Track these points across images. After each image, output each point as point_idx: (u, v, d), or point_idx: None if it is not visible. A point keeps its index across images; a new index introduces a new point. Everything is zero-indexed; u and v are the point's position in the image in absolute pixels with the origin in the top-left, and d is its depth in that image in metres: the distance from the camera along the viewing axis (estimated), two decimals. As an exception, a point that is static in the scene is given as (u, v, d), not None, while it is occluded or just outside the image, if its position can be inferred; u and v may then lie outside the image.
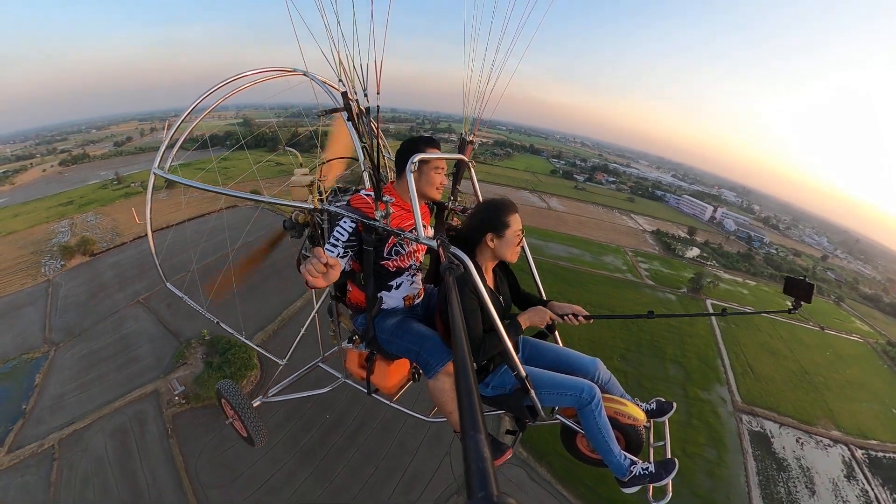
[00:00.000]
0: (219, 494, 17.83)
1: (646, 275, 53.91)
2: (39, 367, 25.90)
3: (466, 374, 0.70)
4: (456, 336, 0.89)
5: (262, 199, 2.66)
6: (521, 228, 2.32)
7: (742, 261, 71.24)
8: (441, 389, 2.26)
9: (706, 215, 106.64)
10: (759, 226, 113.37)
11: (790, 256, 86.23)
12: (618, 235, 71.66)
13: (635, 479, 2.34)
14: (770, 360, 38.36)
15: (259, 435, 3.46)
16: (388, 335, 2.47)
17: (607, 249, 61.95)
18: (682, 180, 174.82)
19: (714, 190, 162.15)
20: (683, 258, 66.43)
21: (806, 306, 2.09)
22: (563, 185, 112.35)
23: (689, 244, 76.71)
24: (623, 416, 2.48)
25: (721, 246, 78.38)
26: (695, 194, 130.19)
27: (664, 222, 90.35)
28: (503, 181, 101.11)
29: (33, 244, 47.30)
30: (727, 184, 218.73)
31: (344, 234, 2.26)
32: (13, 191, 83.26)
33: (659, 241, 73.80)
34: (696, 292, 48.86)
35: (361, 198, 2.32)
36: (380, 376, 2.80)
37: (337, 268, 1.82)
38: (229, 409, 3.53)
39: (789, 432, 29.90)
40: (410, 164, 2.15)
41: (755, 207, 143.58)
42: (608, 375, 2.62)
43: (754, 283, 61.54)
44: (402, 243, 2.42)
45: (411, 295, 2.61)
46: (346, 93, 2.05)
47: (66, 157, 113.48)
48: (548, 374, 2.41)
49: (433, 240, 2.07)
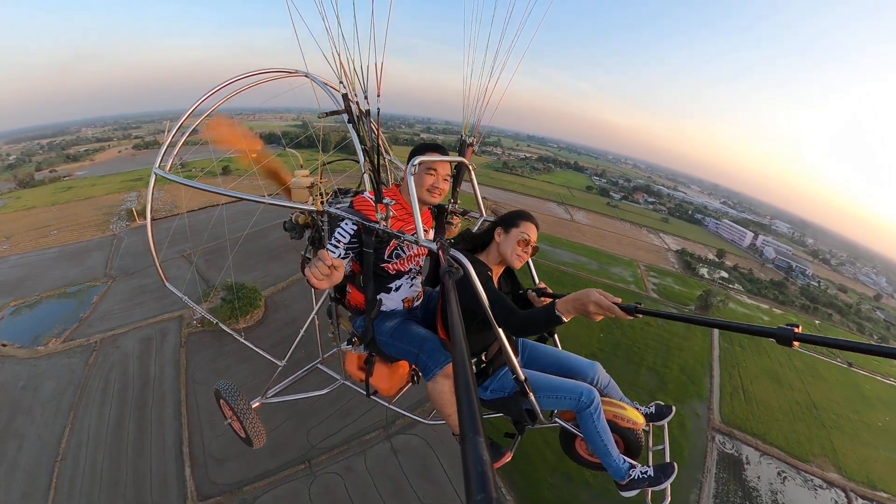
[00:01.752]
0: (205, 390, 24.16)
1: (652, 288, 52.61)
2: (97, 292, 35.68)
3: (466, 376, 0.69)
4: (455, 339, 0.87)
5: (263, 200, 2.63)
6: (531, 237, 2.32)
7: (772, 288, 67.19)
8: (439, 392, 2.26)
9: (745, 241, 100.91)
10: (807, 258, 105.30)
11: (833, 291, 79.80)
12: (636, 251, 69.78)
13: (634, 482, 2.33)
14: (771, 387, 36.00)
15: (258, 436, 3.41)
16: (387, 337, 2.47)
17: (618, 261, 60.66)
18: (732, 207, 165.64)
19: (766, 220, 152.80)
20: (702, 278, 63.18)
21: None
22: (596, 201, 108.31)
23: (715, 266, 73.19)
24: (622, 420, 2.47)
25: (752, 272, 74.24)
26: (741, 221, 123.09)
27: (694, 244, 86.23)
28: (534, 192, 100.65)
29: (106, 207, 58.58)
30: (784, 215, 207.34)
31: (345, 236, 2.26)
32: (93, 165, 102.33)
33: (680, 260, 70.16)
34: (704, 310, 47.37)
35: (363, 200, 2.32)
36: (379, 378, 2.80)
37: (341, 270, 1.82)
38: (228, 409, 3.48)
39: (771, 463, 27.01)
40: (410, 166, 2.17)
41: (808, 240, 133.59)
42: (607, 379, 2.63)
43: (780, 312, 57.98)
44: (403, 246, 2.43)
45: (411, 297, 2.61)
46: (347, 94, 2.07)
47: (139, 143, 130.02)
48: (547, 377, 2.41)
49: (433, 242, 2.04)
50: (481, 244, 2.44)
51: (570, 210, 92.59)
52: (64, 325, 30.72)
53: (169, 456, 20.53)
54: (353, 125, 2.19)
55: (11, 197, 70.45)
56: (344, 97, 2.08)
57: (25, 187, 77.55)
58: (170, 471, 19.83)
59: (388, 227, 2.12)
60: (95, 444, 20.96)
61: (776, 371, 38.94)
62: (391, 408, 3.26)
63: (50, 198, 67.17)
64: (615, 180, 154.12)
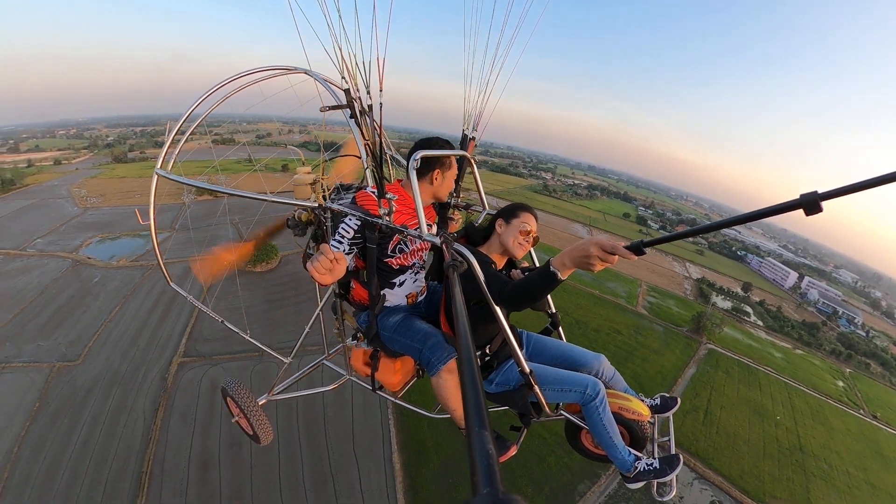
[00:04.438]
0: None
1: (645, 305, 51.26)
2: (161, 237, 44.76)
3: (471, 370, 0.69)
4: (460, 332, 0.86)
5: (265, 197, 2.57)
6: (531, 227, 2.35)
7: (800, 328, 62.83)
8: (443, 387, 2.27)
9: (788, 282, 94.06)
10: (863, 308, 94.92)
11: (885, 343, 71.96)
12: (647, 273, 67.36)
13: (640, 474, 2.35)
14: (747, 419, 32.55)
15: (265, 433, 3.49)
16: (391, 333, 2.49)
17: (619, 278, 59.21)
18: (792, 252, 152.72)
19: (828, 267, 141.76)
20: (713, 305, 59.55)
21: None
22: (628, 228, 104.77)
23: (736, 298, 69.20)
24: (627, 412, 2.49)
25: (780, 309, 69.57)
26: (794, 265, 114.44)
27: (723, 276, 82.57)
28: (564, 214, 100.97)
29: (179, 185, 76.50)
30: (854, 266, 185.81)
31: (349, 231, 2.26)
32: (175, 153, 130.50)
33: (696, 287, 67.07)
34: (696, 333, 46.64)
35: (367, 195, 2.31)
36: (384, 373, 2.81)
37: (343, 263, 1.83)
38: (235, 407, 3.53)
39: (707, 489, 23.94)
40: (413, 160, 2.14)
41: (875, 293, 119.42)
42: (612, 371, 2.65)
43: (801, 352, 53.37)
44: (407, 241, 2.44)
45: (414, 293, 2.63)
46: (349, 90, 2.08)
47: (217, 139, 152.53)
48: (552, 370, 2.42)
49: (436, 237, 2.02)
50: (483, 237, 2.48)
51: (594, 231, 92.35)
52: (133, 252, 45.06)
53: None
54: (356, 121, 2.24)
55: (108, 167, 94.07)
56: (346, 93, 2.12)
57: (119, 162, 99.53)
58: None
59: (392, 222, 2.12)
60: (134, 317, 32.83)
61: (763, 405, 35.79)
62: (397, 402, 3.23)
63: (138, 171, 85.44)
64: (662, 212, 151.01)
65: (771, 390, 38.72)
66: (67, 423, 22.73)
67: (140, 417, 23.26)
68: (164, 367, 27.04)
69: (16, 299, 34.72)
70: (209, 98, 3.42)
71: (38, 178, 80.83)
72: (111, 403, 24.30)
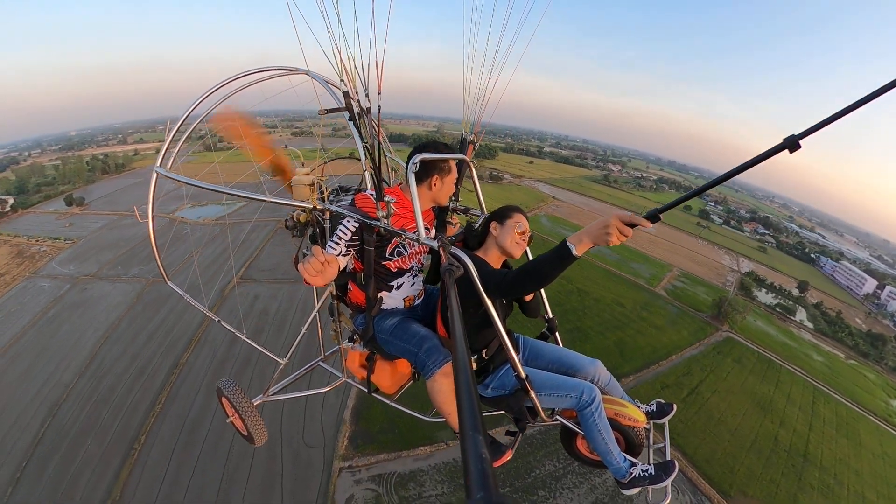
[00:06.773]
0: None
1: (667, 287, 49.98)
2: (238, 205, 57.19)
3: (466, 374, 0.69)
4: (455, 337, 0.87)
5: (264, 198, 2.57)
6: (524, 224, 2.37)
7: (860, 338, 56.89)
8: (438, 390, 2.26)
9: (863, 289, 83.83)
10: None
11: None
12: (687, 261, 65.06)
13: (635, 480, 2.34)
14: (745, 410, 30.06)
15: (259, 434, 3.44)
16: (387, 335, 2.48)
17: (649, 261, 57.93)
18: (884, 262, 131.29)
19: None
20: (753, 300, 56.02)
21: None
22: (683, 219, 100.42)
23: (788, 297, 63.89)
24: (623, 418, 2.48)
25: (840, 314, 63.10)
26: (881, 275, 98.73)
27: (780, 275, 76.25)
28: (610, 200, 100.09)
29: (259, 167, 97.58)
30: None
31: (346, 233, 2.26)
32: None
33: (738, 281, 62.97)
34: (716, 319, 45.33)
35: (366, 197, 2.30)
36: (380, 376, 2.80)
37: (334, 265, 1.82)
38: (229, 407, 3.49)
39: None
40: (412, 164, 2.13)
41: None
42: (608, 377, 2.63)
43: (853, 363, 48.37)
44: (405, 244, 2.43)
45: (412, 296, 2.62)
46: (348, 92, 2.07)
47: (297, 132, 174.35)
48: (548, 375, 2.42)
49: (434, 240, 2.03)
50: (478, 241, 2.48)
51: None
52: (215, 215, 57.32)
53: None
54: (354, 123, 2.24)
55: (199, 155, 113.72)
56: (345, 95, 2.10)
57: (209, 151, 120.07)
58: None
59: (390, 224, 2.12)
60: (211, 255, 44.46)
61: (773, 401, 32.58)
62: (392, 405, 3.20)
63: (225, 158, 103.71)
64: (735, 209, 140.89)
65: (790, 390, 35.90)
66: (150, 312, 37.77)
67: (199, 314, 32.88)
68: (224, 285, 39.80)
69: (129, 241, 52.44)
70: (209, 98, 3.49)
71: (143, 164, 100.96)
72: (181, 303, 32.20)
